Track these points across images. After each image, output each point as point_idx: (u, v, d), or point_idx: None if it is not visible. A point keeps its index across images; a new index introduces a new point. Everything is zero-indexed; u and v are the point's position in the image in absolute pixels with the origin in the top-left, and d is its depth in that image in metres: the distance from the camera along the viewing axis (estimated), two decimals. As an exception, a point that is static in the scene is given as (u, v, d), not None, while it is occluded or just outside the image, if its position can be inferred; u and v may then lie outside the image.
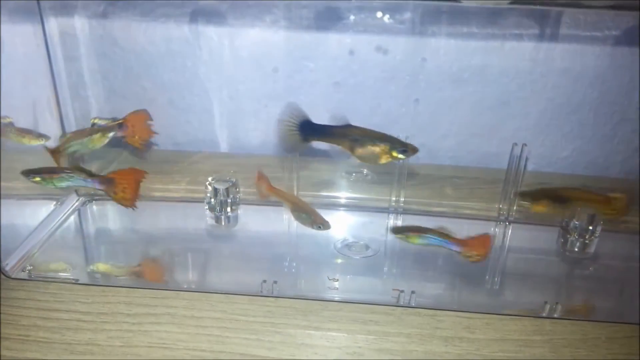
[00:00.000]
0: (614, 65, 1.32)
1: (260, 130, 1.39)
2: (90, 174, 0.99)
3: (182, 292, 0.99)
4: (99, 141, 0.99)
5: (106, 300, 0.97)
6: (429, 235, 0.99)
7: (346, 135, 0.98)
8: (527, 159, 1.12)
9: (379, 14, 1.23)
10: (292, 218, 1.08)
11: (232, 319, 0.94)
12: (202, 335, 0.90)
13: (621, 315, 0.98)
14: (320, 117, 1.11)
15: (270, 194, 1.10)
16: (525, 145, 1.12)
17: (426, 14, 1.23)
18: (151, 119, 0.97)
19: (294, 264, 1.08)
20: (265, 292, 0.97)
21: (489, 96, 1.36)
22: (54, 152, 1.00)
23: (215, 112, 1.36)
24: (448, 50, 1.31)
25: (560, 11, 1.27)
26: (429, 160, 1.43)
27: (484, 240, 0.98)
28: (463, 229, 1.22)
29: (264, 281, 0.98)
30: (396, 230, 1.03)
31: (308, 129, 0.99)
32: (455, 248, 0.98)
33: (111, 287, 1.00)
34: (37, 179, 0.98)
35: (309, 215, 1.06)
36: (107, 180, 0.99)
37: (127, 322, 0.92)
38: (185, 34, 1.28)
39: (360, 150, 0.98)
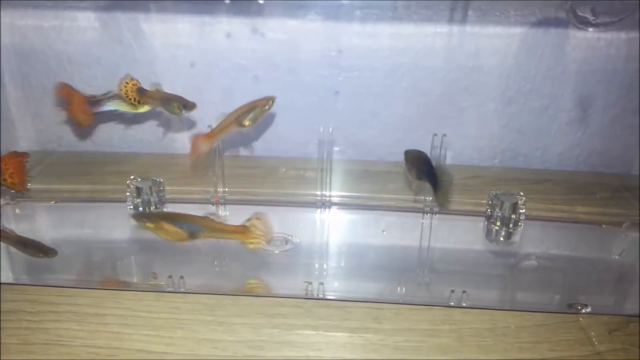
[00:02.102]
0: (545, 58, 1.32)
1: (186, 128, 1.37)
2: None
3: (89, 290, 0.97)
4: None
5: (11, 298, 0.95)
6: None
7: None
8: (446, 149, 1.11)
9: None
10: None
11: (136, 316, 0.92)
12: (101, 332, 0.88)
13: (533, 304, 0.96)
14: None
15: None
16: (445, 135, 1.11)
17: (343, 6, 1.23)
18: (28, 160, 0.97)
19: (211, 260, 1.06)
20: (170, 288, 0.96)
21: (423, 91, 1.36)
22: None
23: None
24: (377, 43, 1.31)
25: (496, 2, 1.27)
26: (369, 157, 1.42)
27: None
28: (391, 221, 1.23)
29: (170, 276, 0.96)
30: None
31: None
32: None
33: (17, 286, 0.98)
34: None
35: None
36: None
37: (27, 320, 0.90)
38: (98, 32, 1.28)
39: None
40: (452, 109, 1.38)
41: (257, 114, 1.04)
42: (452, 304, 0.93)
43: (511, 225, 1.13)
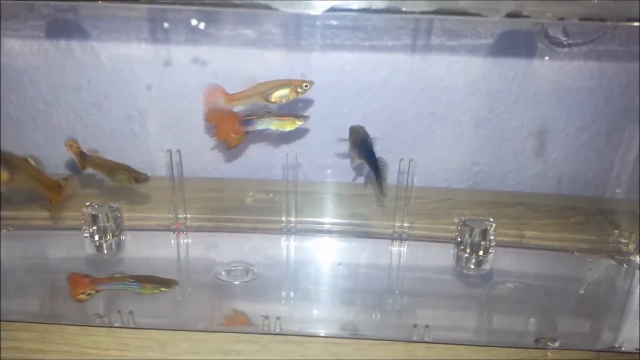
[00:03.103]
0: (518, 79, 1.29)
1: (143, 150, 1.33)
2: None
3: (35, 325, 0.92)
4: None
5: (-52, 335, 0.90)
6: None
7: None
8: (413, 173, 1.08)
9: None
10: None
11: (83, 353, 0.87)
12: (43, 371, 0.83)
13: (499, 339, 0.92)
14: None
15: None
16: (412, 160, 1.08)
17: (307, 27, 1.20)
18: None
19: (165, 292, 1.02)
20: (118, 323, 0.91)
21: (395, 112, 1.32)
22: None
23: (99, 133, 1.31)
24: (347, 64, 1.28)
25: (467, 23, 1.24)
26: (339, 179, 1.38)
27: None
28: (357, 248, 1.19)
29: (118, 311, 0.91)
30: None
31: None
32: None
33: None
34: None
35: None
36: None
37: (-36, 359, 0.85)
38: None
39: None
40: (425, 130, 1.34)
41: (287, 93, 0.97)
42: (415, 339, 0.89)
43: (481, 253, 1.09)
